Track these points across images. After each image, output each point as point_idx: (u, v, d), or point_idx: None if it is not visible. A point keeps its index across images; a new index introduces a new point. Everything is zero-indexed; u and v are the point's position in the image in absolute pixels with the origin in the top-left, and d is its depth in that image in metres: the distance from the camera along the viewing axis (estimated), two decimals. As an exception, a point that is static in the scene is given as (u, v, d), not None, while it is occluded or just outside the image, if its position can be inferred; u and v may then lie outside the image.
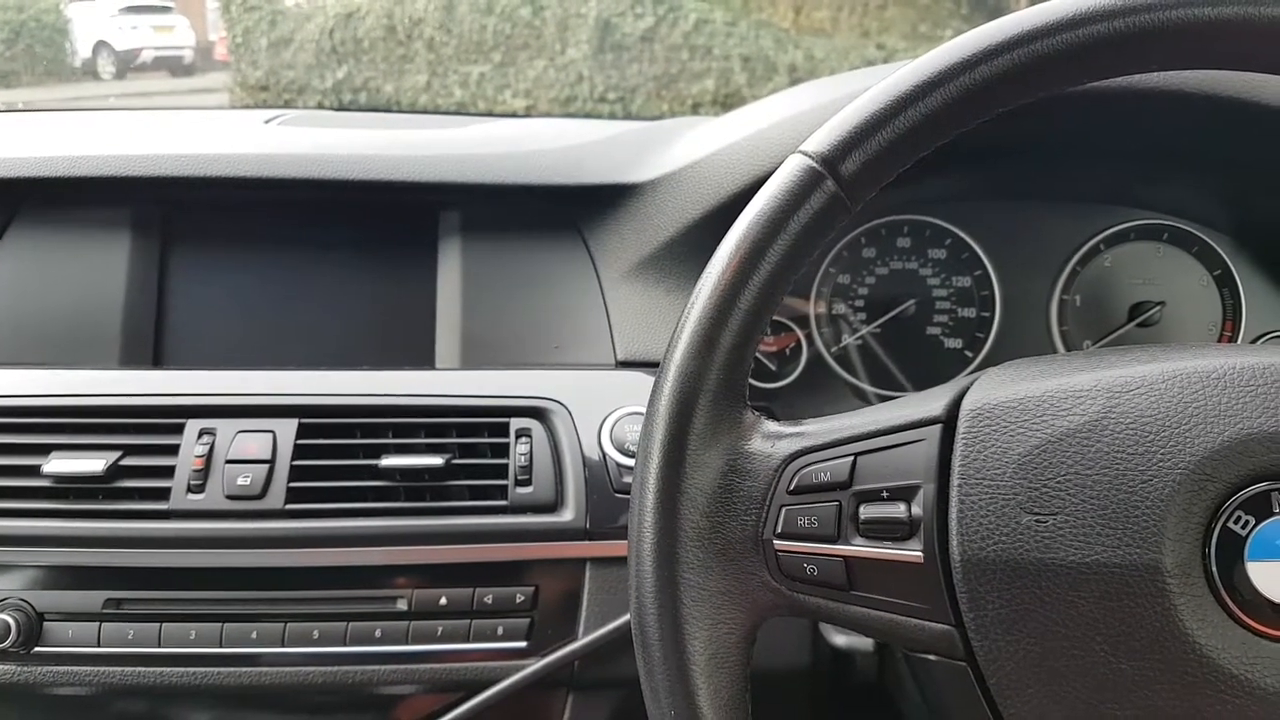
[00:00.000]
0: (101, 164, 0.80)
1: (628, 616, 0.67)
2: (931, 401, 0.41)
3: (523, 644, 0.68)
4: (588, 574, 0.69)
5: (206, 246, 0.85)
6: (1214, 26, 0.38)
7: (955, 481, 0.38)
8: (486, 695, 0.67)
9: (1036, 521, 0.36)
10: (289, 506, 0.67)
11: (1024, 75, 0.40)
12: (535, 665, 0.67)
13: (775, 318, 0.84)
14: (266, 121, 0.99)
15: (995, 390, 0.40)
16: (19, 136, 0.93)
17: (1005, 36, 0.40)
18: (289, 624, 0.67)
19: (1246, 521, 0.35)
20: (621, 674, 0.69)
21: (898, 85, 0.41)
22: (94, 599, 0.67)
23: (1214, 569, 0.35)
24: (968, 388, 0.41)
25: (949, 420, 0.40)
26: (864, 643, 0.73)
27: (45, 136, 0.93)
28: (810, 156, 0.42)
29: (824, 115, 0.43)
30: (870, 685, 0.74)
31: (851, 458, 0.42)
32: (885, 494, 0.40)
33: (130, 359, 0.80)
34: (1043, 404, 0.38)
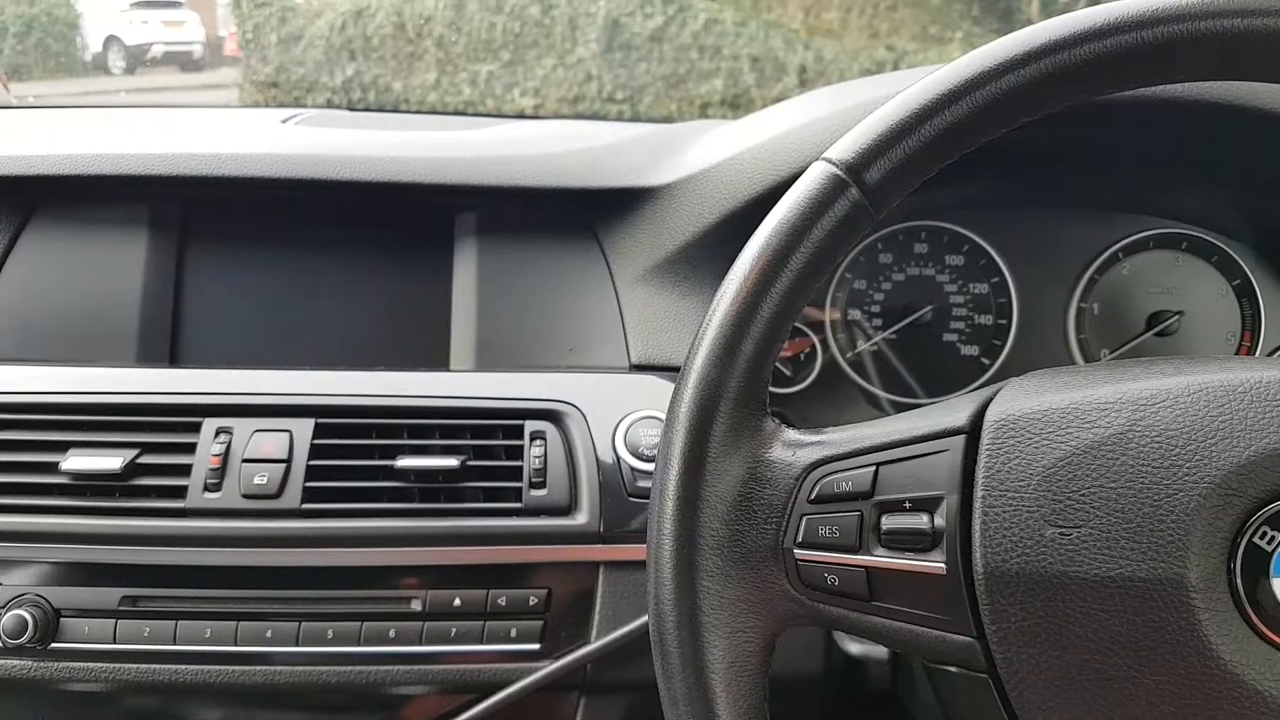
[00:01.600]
0: (122, 162, 0.80)
1: (641, 620, 0.68)
2: (955, 412, 0.41)
3: (536, 646, 0.68)
4: (601, 577, 0.69)
5: (224, 246, 0.85)
6: (1242, 38, 0.38)
7: (979, 493, 0.38)
8: (499, 697, 0.67)
9: (1060, 534, 0.36)
10: (305, 506, 0.68)
11: (1051, 85, 0.40)
12: (548, 668, 0.67)
13: None
14: (283, 121, 0.99)
15: (1019, 401, 0.40)
16: (36, 133, 0.94)
17: (1032, 46, 0.40)
18: (303, 623, 0.67)
19: (1272, 537, 0.35)
20: (634, 678, 0.69)
21: (924, 93, 0.41)
22: (110, 596, 0.67)
23: (1239, 584, 0.35)
24: (991, 398, 0.41)
25: (973, 431, 0.40)
26: (878, 650, 0.73)
27: (63, 134, 0.94)
28: (834, 164, 0.42)
29: (841, 122, 0.43)
30: (884, 693, 0.74)
31: (874, 467, 0.41)
32: (908, 504, 0.40)
33: (147, 357, 0.80)
34: (1067, 416, 0.38)
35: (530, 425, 0.72)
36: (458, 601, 0.68)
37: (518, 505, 0.69)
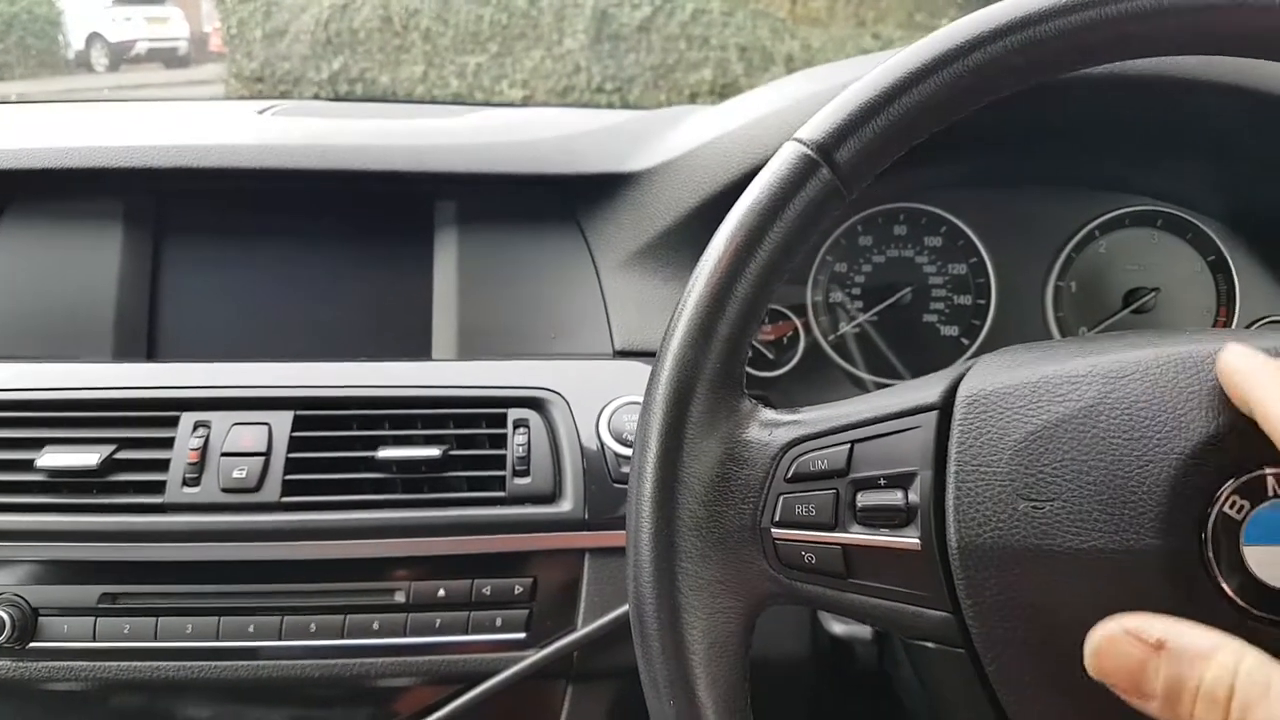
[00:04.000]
0: (94, 155, 0.79)
1: (627, 607, 0.67)
2: (928, 388, 0.41)
3: (521, 635, 0.68)
4: (586, 565, 0.69)
5: (200, 238, 0.84)
6: (1210, 11, 0.38)
7: (952, 468, 0.38)
8: (485, 687, 0.67)
9: (1033, 508, 0.36)
10: (285, 499, 0.67)
11: (1020, 61, 0.40)
12: (534, 656, 0.67)
13: (772, 306, 0.84)
14: (260, 112, 0.98)
15: (991, 377, 0.40)
16: (11, 129, 0.93)
17: (1001, 22, 0.39)
18: (286, 617, 0.67)
19: (1242, 506, 0.35)
20: (620, 664, 0.69)
21: (893, 71, 0.41)
22: (89, 593, 0.67)
23: (1210, 554, 0.35)
24: (963, 374, 0.41)
25: (945, 407, 0.40)
26: (863, 631, 0.73)
27: (38, 128, 0.93)
28: (805, 144, 0.42)
29: (819, 103, 0.43)
30: (869, 673, 0.74)
31: (849, 445, 0.41)
32: (882, 481, 0.40)
33: (124, 352, 0.80)
34: (1038, 390, 0.38)
35: (513, 413, 0.71)
36: (442, 592, 0.68)
37: (501, 494, 0.69)
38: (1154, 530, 0.35)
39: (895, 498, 0.40)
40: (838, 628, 0.74)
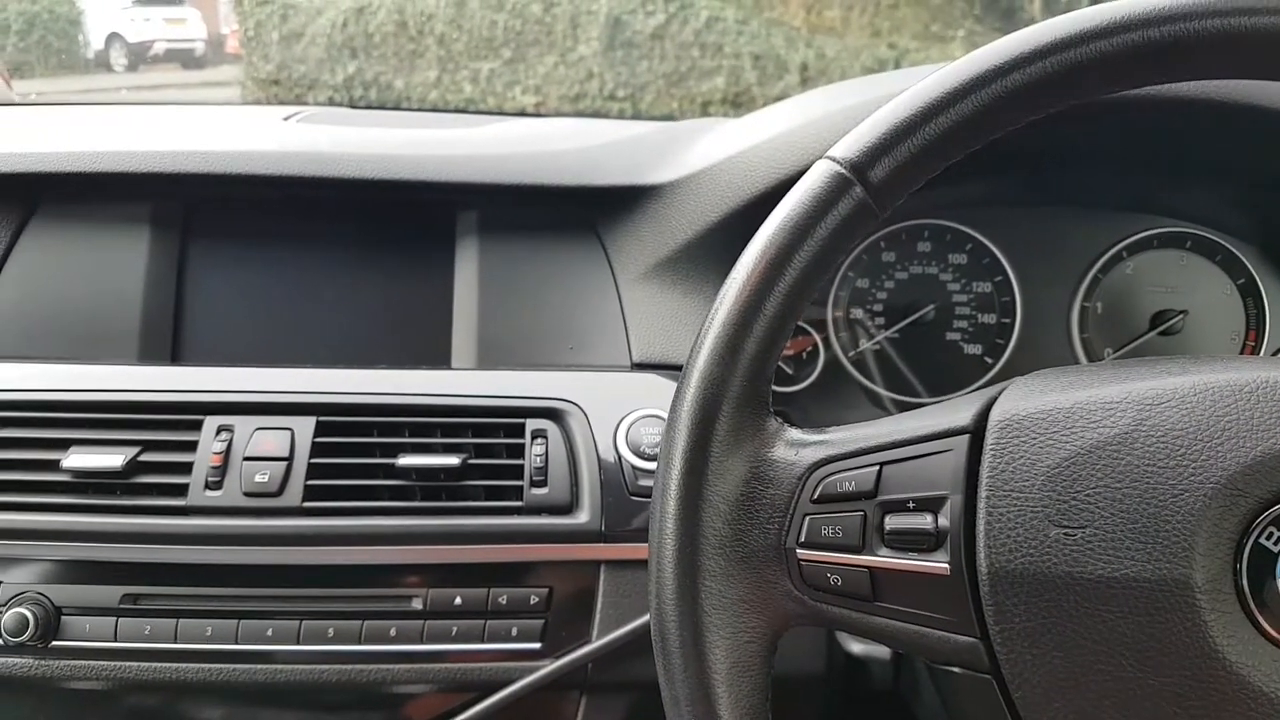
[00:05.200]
0: (124, 160, 0.80)
1: (643, 619, 0.67)
2: (959, 411, 0.41)
3: (537, 645, 0.68)
4: (602, 576, 0.69)
5: (225, 243, 0.85)
6: (1247, 37, 0.38)
7: (983, 493, 0.38)
8: (499, 696, 0.67)
9: (1065, 535, 0.36)
10: (306, 504, 0.68)
11: (1056, 84, 0.40)
12: (549, 667, 0.67)
13: None
14: (285, 119, 0.99)
15: (1024, 401, 0.40)
16: (38, 131, 0.94)
17: (1038, 44, 0.39)
18: (304, 621, 0.67)
19: (1279, 538, 0.35)
20: (635, 677, 0.69)
21: (929, 92, 0.41)
22: (111, 594, 0.67)
23: (1245, 585, 0.35)
24: (995, 398, 0.41)
25: (977, 431, 0.40)
26: (880, 650, 0.73)
27: (65, 131, 0.93)
28: (838, 162, 0.42)
29: (844, 120, 0.43)
30: (886, 693, 0.74)
31: (877, 467, 0.41)
32: (911, 504, 0.40)
33: (149, 355, 0.80)
34: (1072, 416, 0.38)
35: (531, 424, 0.72)
36: (459, 600, 0.68)
37: (519, 504, 0.69)
38: (1187, 560, 0.35)
39: (924, 521, 0.40)
40: (855, 646, 0.73)
